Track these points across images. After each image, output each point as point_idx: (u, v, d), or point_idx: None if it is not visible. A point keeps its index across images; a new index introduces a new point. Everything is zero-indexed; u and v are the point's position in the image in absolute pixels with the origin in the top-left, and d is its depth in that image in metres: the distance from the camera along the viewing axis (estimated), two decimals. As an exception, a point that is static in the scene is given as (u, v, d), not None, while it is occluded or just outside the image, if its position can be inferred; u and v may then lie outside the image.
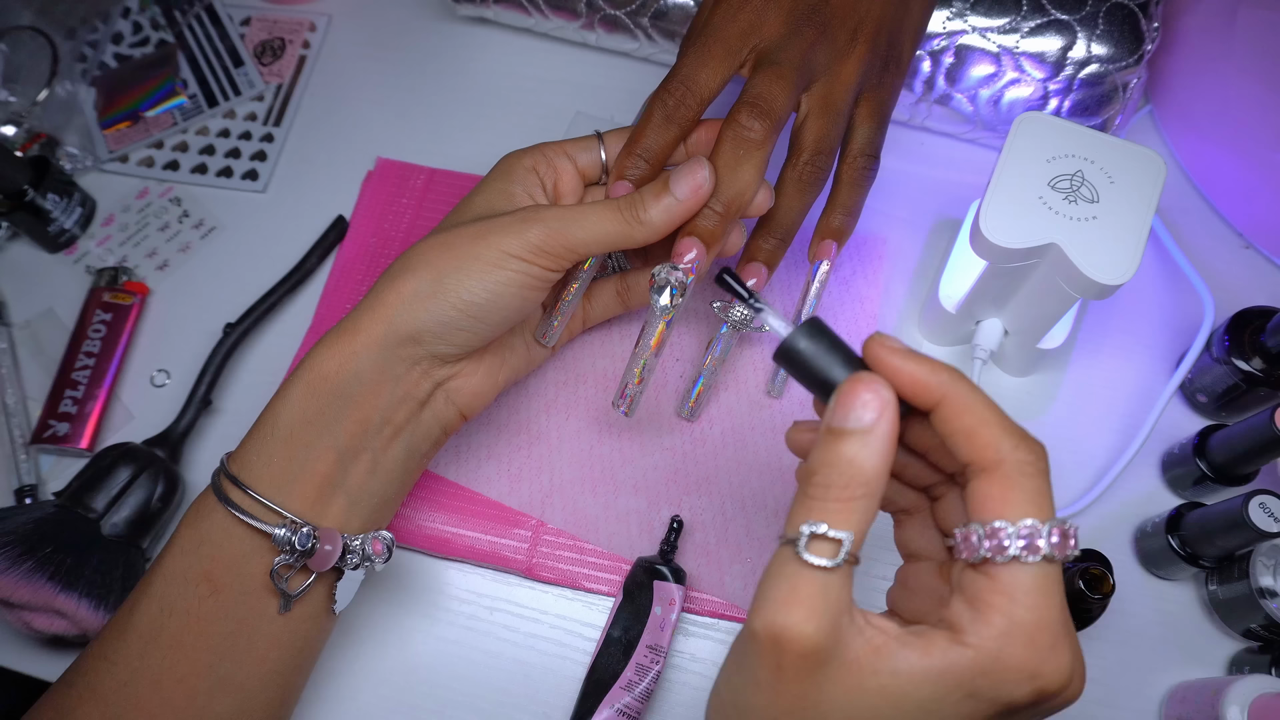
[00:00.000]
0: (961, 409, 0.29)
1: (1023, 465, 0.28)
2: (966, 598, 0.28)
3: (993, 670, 0.27)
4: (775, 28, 0.43)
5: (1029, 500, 0.28)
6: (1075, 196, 0.43)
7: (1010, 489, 0.28)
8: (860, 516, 0.28)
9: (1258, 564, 0.45)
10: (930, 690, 0.27)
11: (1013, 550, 0.27)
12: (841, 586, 0.28)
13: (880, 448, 0.28)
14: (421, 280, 0.40)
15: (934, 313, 0.53)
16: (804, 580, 0.27)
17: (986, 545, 0.27)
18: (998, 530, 0.27)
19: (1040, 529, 0.27)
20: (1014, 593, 0.27)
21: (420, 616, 0.50)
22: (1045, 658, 0.27)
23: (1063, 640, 0.27)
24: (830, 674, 0.27)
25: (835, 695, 0.27)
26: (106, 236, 0.62)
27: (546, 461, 0.52)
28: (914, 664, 0.27)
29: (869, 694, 0.27)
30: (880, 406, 0.28)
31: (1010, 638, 0.27)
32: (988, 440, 0.28)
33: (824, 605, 0.27)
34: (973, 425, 0.29)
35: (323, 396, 0.40)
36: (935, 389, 0.30)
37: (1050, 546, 0.27)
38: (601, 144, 0.46)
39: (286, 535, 0.39)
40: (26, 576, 0.45)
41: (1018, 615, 0.27)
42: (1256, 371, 0.49)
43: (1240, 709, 0.41)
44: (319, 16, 0.69)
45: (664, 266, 0.42)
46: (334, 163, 0.63)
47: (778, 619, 0.27)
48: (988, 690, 0.27)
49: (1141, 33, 0.53)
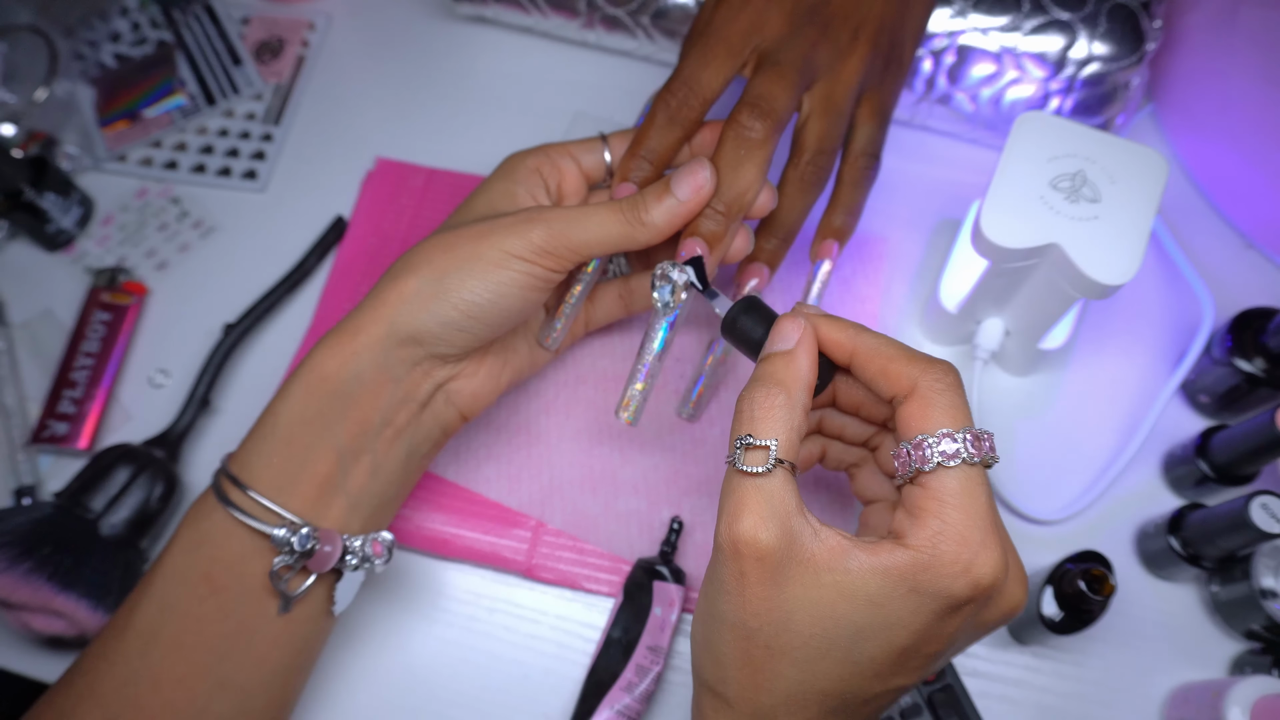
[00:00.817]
0: (873, 354, 0.33)
1: (934, 384, 0.32)
2: (906, 508, 0.32)
3: (931, 565, 0.30)
4: (777, 27, 0.43)
5: (944, 413, 0.31)
6: (1076, 196, 0.43)
7: (926, 406, 0.31)
8: (781, 422, 0.32)
9: (1259, 565, 0.45)
10: (877, 584, 0.30)
11: (934, 458, 0.31)
12: (783, 491, 0.31)
13: (799, 363, 0.33)
14: (423, 280, 0.40)
15: (935, 312, 0.53)
16: (747, 490, 0.31)
17: (913, 458, 0.31)
18: (920, 443, 0.31)
19: (955, 435, 0.31)
20: (942, 496, 0.30)
21: (420, 617, 0.50)
22: (976, 551, 0.30)
23: (992, 536, 0.30)
24: (789, 573, 0.30)
25: (795, 592, 0.30)
26: (105, 236, 0.62)
27: (546, 462, 0.52)
28: (863, 561, 0.30)
29: (824, 588, 0.30)
30: (800, 330, 0.34)
31: (943, 536, 0.30)
32: (899, 371, 0.32)
33: (769, 510, 0.30)
34: (883, 364, 0.33)
35: (323, 397, 0.40)
36: (846, 343, 0.34)
37: (967, 450, 0.31)
38: (605, 146, 0.46)
39: (286, 536, 0.39)
40: (25, 577, 0.45)
41: (948, 516, 0.30)
42: (1258, 372, 0.49)
43: (1242, 710, 0.41)
44: (318, 16, 0.69)
45: (666, 263, 0.41)
46: (333, 162, 0.63)
47: (733, 529, 0.31)
48: (928, 585, 0.30)
49: (1143, 32, 0.53)
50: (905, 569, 0.30)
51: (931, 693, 0.46)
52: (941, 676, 0.47)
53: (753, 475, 0.31)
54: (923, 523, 0.30)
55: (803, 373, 0.33)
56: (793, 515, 0.31)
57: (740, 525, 0.30)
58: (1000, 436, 0.53)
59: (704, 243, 0.41)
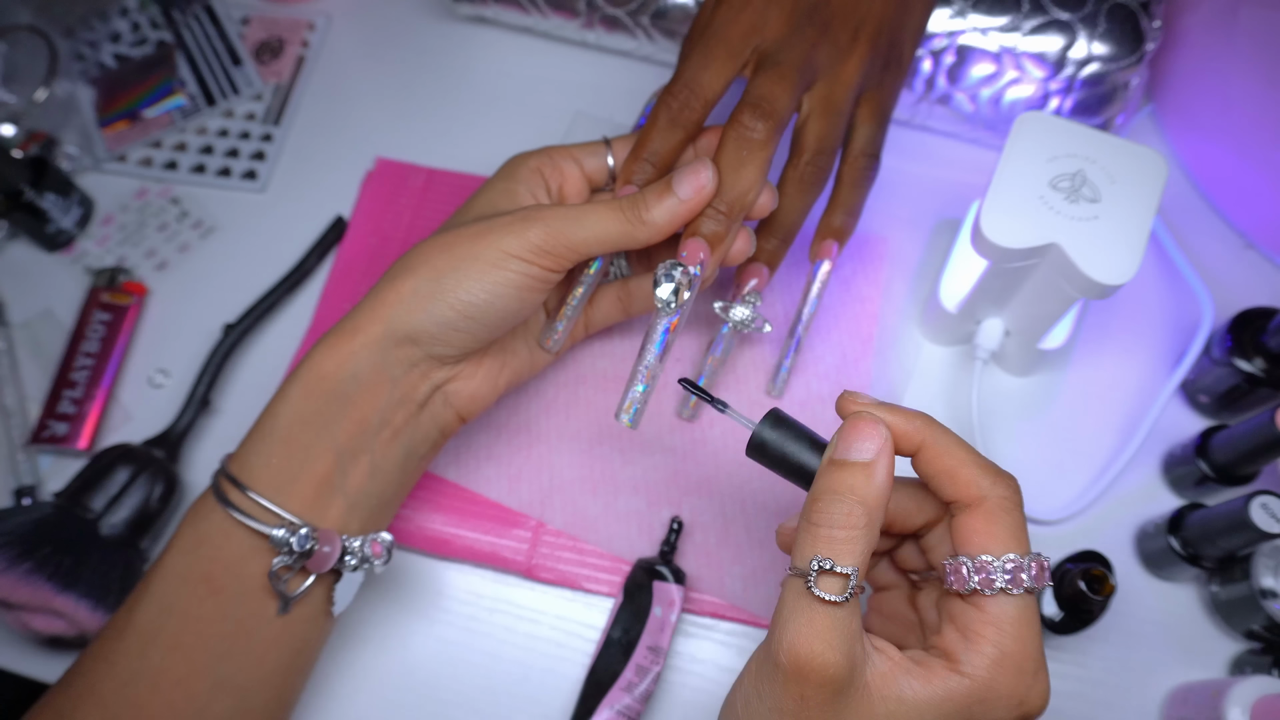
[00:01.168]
0: (941, 452, 0.32)
1: (1002, 501, 0.31)
2: (958, 627, 0.31)
3: (987, 698, 0.29)
4: (777, 28, 0.43)
5: (1010, 535, 0.30)
6: (1076, 196, 0.43)
7: (993, 524, 0.31)
8: (863, 548, 0.30)
9: (1259, 565, 0.45)
10: (933, 715, 0.29)
11: (999, 584, 0.30)
12: (853, 616, 0.30)
13: (881, 479, 0.30)
14: (420, 280, 0.40)
15: (935, 312, 0.53)
16: (819, 613, 0.29)
17: (976, 579, 0.30)
18: (986, 564, 0.30)
19: (1023, 563, 0.30)
20: (1002, 623, 0.30)
21: (420, 617, 0.50)
22: (1030, 684, 0.30)
23: (1043, 667, 0.30)
24: (847, 701, 0.29)
25: (850, 718, 0.29)
26: (105, 236, 0.62)
27: (546, 462, 0.52)
28: (918, 691, 0.29)
29: (879, 716, 0.29)
30: (882, 440, 0.31)
31: (1001, 667, 0.29)
32: (969, 479, 0.31)
33: (840, 636, 0.29)
34: (953, 466, 0.32)
35: (321, 397, 0.40)
36: (914, 435, 0.32)
37: (1031, 579, 0.30)
38: (609, 150, 0.46)
39: (284, 536, 0.39)
40: (25, 577, 0.45)
41: (1006, 645, 0.30)
42: (1258, 372, 0.49)
43: (1242, 710, 0.41)
44: (318, 16, 0.69)
45: (669, 262, 0.41)
46: (333, 163, 0.63)
47: (801, 650, 0.29)
48: (981, 714, 0.29)
49: (1142, 32, 0.53)
50: (961, 699, 0.29)
51: (931, 693, 0.46)
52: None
53: (827, 603, 0.29)
54: (978, 649, 0.30)
55: (882, 488, 0.30)
56: (856, 640, 0.29)
57: (810, 648, 0.29)
58: (1000, 436, 0.53)
59: (705, 242, 0.41)
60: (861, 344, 0.54)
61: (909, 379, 0.54)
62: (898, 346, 0.55)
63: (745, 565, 0.49)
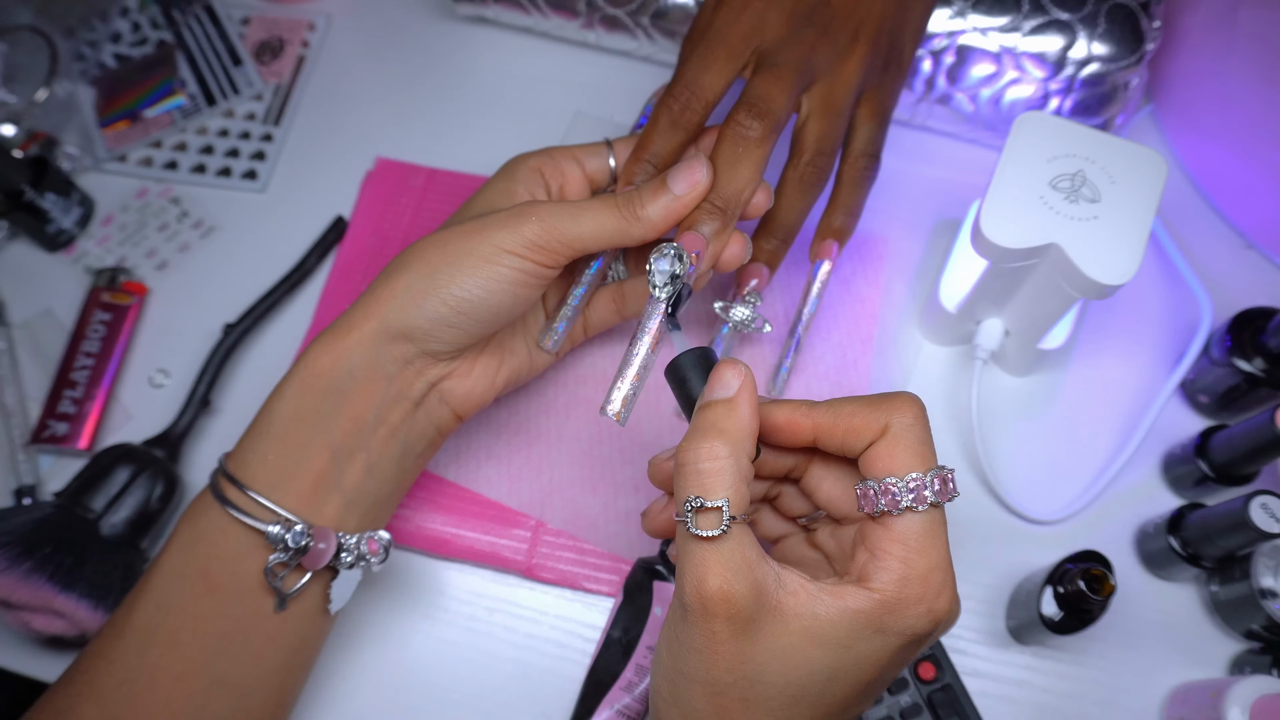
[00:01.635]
0: (833, 421, 0.33)
1: (902, 423, 0.32)
2: (868, 547, 0.32)
3: (896, 607, 0.31)
4: (777, 29, 0.43)
5: (912, 453, 0.32)
6: (1076, 196, 0.43)
7: (894, 447, 0.32)
8: (729, 480, 0.31)
9: (1259, 565, 0.45)
10: (846, 628, 0.30)
11: (905, 502, 0.31)
12: (742, 545, 0.30)
13: (743, 412, 0.32)
14: (414, 276, 0.40)
15: (935, 312, 0.53)
16: (706, 553, 0.30)
17: (883, 501, 0.31)
18: (890, 486, 0.31)
19: (925, 480, 0.31)
20: (907, 539, 0.31)
21: (420, 617, 0.50)
22: (939, 593, 0.31)
23: (950, 576, 0.32)
24: (758, 624, 0.30)
25: (765, 642, 0.30)
26: (105, 236, 0.62)
27: (546, 461, 0.52)
28: (830, 605, 0.31)
29: (794, 636, 0.30)
30: (741, 377, 0.32)
31: (908, 581, 0.31)
32: (865, 423, 0.32)
33: (731, 569, 0.30)
34: (847, 424, 0.33)
35: (316, 394, 0.40)
36: (802, 421, 0.34)
37: (933, 494, 0.31)
38: (610, 150, 0.46)
39: (280, 533, 0.39)
40: (25, 577, 0.45)
41: (912, 559, 0.31)
42: (1258, 372, 0.49)
43: (1241, 710, 0.41)
44: (318, 16, 0.69)
45: (663, 244, 0.40)
46: (333, 163, 0.63)
47: (700, 590, 0.30)
48: (894, 625, 0.31)
49: (1142, 32, 0.53)
50: (872, 611, 0.30)
51: (931, 693, 0.46)
52: (941, 676, 0.47)
53: (709, 539, 0.30)
54: (886, 566, 0.31)
55: (744, 420, 0.32)
56: (755, 567, 0.30)
57: (707, 585, 0.30)
58: (1000, 436, 0.53)
59: (700, 238, 0.41)
60: (861, 344, 0.54)
61: (909, 379, 0.54)
62: (897, 346, 0.55)
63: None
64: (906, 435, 0.32)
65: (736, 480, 0.31)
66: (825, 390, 0.53)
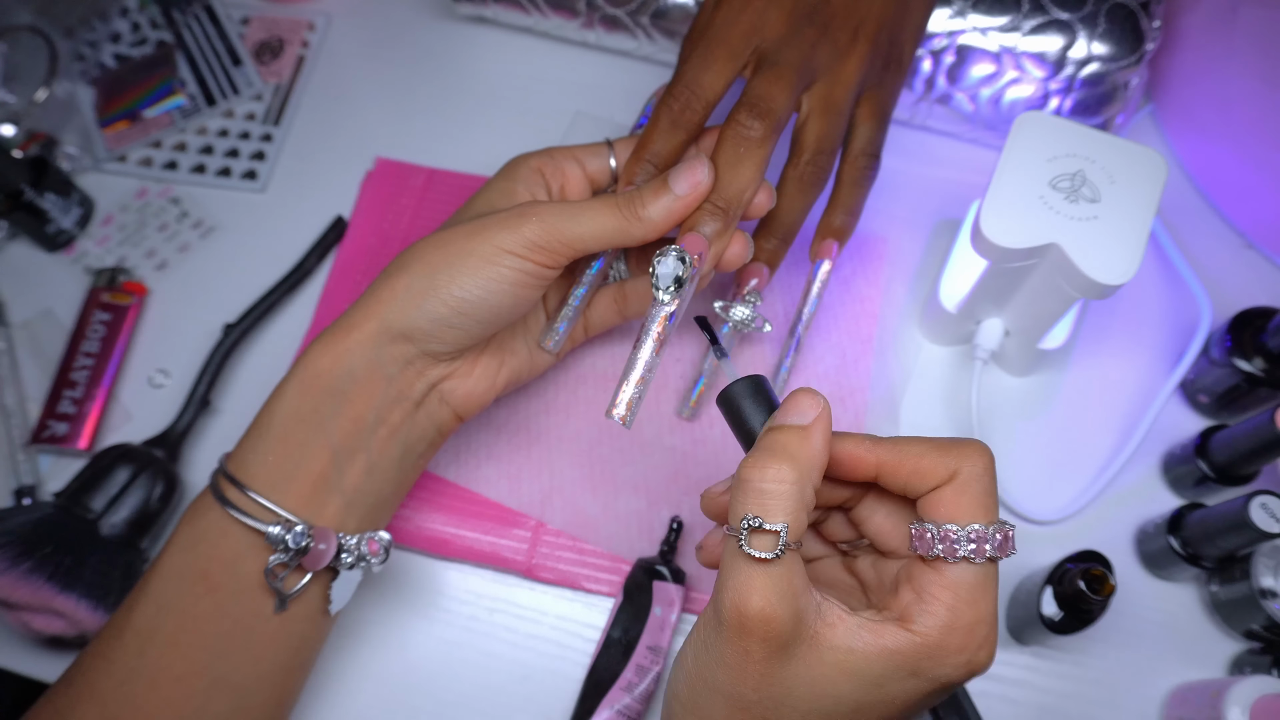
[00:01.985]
0: (899, 459, 0.32)
1: (972, 470, 0.31)
2: (914, 588, 0.31)
3: (936, 654, 0.30)
4: (777, 28, 0.43)
5: (977, 504, 0.31)
6: (1076, 196, 0.43)
7: (960, 494, 0.31)
8: (792, 505, 0.30)
9: (1259, 565, 0.45)
10: (881, 667, 0.30)
11: (963, 552, 0.30)
12: (791, 571, 0.30)
13: (816, 442, 0.31)
14: (414, 276, 0.40)
15: (935, 312, 0.53)
16: (755, 571, 0.30)
17: (940, 547, 0.30)
18: (949, 533, 0.30)
19: (987, 533, 0.30)
20: (959, 588, 0.30)
21: (420, 617, 0.50)
22: (980, 645, 0.30)
23: (994, 631, 0.31)
24: (794, 650, 0.30)
25: (797, 669, 0.30)
26: (105, 236, 0.62)
27: (546, 462, 0.52)
28: (868, 642, 0.30)
29: (827, 667, 0.30)
30: (820, 408, 0.32)
31: (952, 630, 0.30)
32: (933, 466, 0.31)
33: (778, 592, 0.29)
34: (914, 465, 0.32)
35: (316, 394, 0.40)
36: (866, 455, 0.33)
37: (994, 549, 0.30)
38: (611, 151, 0.46)
39: (280, 533, 0.39)
40: (25, 577, 0.45)
41: (961, 609, 0.30)
42: (1258, 372, 0.49)
43: (1241, 710, 0.41)
44: (318, 16, 0.69)
45: (666, 246, 0.40)
46: (333, 163, 0.63)
47: (741, 607, 0.29)
48: (929, 671, 0.30)
49: (1142, 32, 0.53)
50: (909, 654, 0.30)
51: (931, 693, 0.46)
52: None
53: (760, 560, 0.29)
54: (932, 611, 0.30)
55: (815, 449, 0.31)
56: (800, 595, 0.30)
57: (750, 605, 0.29)
58: (1000, 436, 0.53)
59: (702, 238, 0.41)
60: (861, 344, 0.54)
61: (909, 379, 0.54)
62: (898, 346, 0.55)
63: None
64: (975, 485, 0.31)
65: (798, 508, 0.30)
66: (826, 390, 0.53)
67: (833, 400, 0.52)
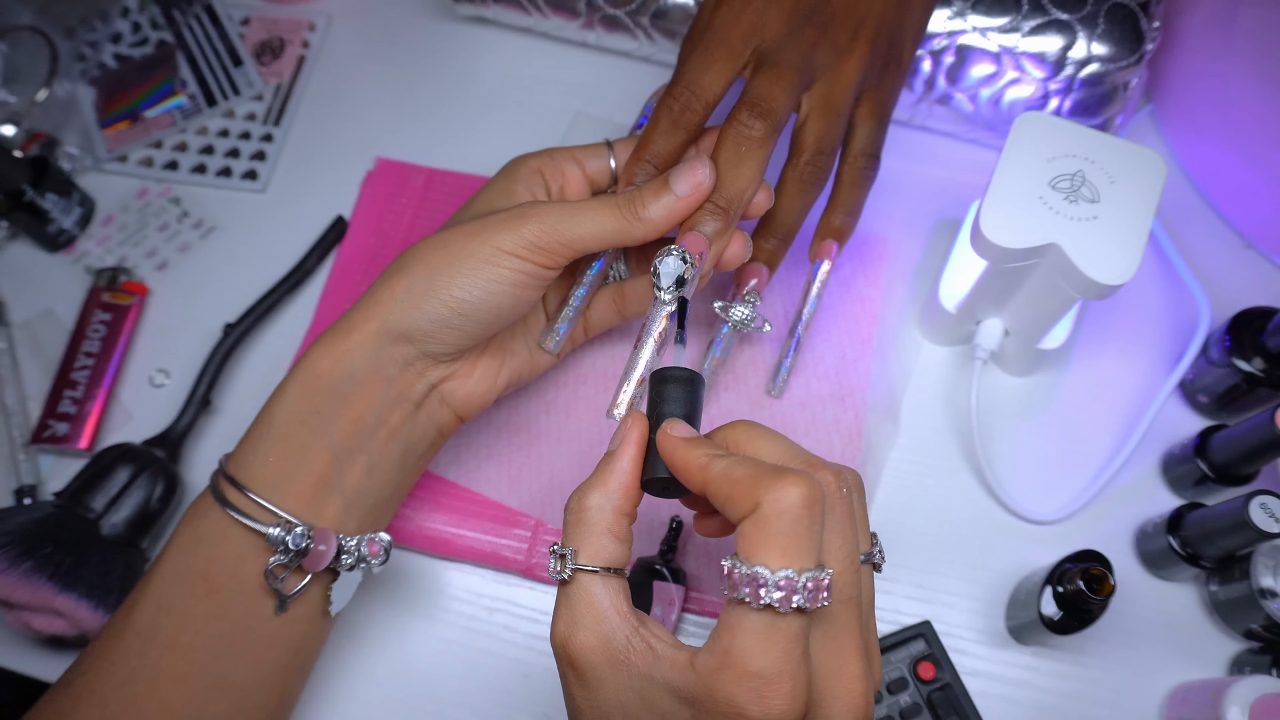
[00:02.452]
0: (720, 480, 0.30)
1: (773, 507, 0.28)
2: (718, 623, 0.29)
3: (705, 700, 0.28)
4: (777, 28, 0.43)
5: (774, 544, 0.28)
6: (1076, 196, 0.43)
7: (758, 530, 0.28)
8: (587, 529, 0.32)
9: (1259, 564, 0.45)
10: (669, 703, 0.30)
11: (739, 594, 0.28)
12: (590, 596, 0.31)
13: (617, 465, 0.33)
14: (414, 278, 0.40)
15: (934, 313, 0.53)
16: (558, 595, 0.32)
17: (723, 583, 0.29)
18: (731, 570, 0.28)
19: (769, 578, 0.27)
20: (736, 631, 0.28)
21: (420, 617, 0.50)
22: (750, 700, 0.27)
23: (781, 681, 0.27)
24: (601, 675, 0.31)
25: (608, 694, 0.31)
26: (106, 236, 0.62)
27: (546, 461, 0.52)
28: (664, 674, 0.30)
29: (632, 694, 0.30)
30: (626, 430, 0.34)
31: (722, 673, 0.28)
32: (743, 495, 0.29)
33: (575, 617, 0.31)
34: (729, 490, 0.29)
35: (317, 395, 0.40)
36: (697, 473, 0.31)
37: (772, 599, 0.27)
38: (611, 152, 0.46)
39: (280, 535, 0.39)
40: (26, 576, 0.45)
41: (735, 653, 0.28)
42: (1257, 372, 0.49)
43: (1241, 710, 0.41)
44: (318, 16, 0.69)
45: (669, 246, 0.40)
46: (333, 163, 0.63)
47: (552, 631, 0.32)
48: (704, 716, 0.29)
49: (1142, 32, 0.53)
50: (687, 694, 0.29)
51: (931, 692, 0.46)
52: (941, 676, 0.47)
53: (561, 583, 0.32)
54: (711, 650, 0.29)
55: (616, 473, 0.33)
56: (603, 619, 0.31)
57: (554, 629, 0.32)
58: (1000, 436, 0.53)
59: (702, 238, 0.41)
60: (861, 344, 0.54)
61: (909, 379, 0.54)
62: (897, 346, 0.55)
63: (745, 565, 0.49)
64: (773, 522, 0.28)
65: (593, 533, 0.32)
66: (825, 390, 0.53)
67: (833, 400, 0.52)
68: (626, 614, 0.31)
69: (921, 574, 0.50)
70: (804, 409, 0.52)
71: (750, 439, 0.33)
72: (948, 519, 0.51)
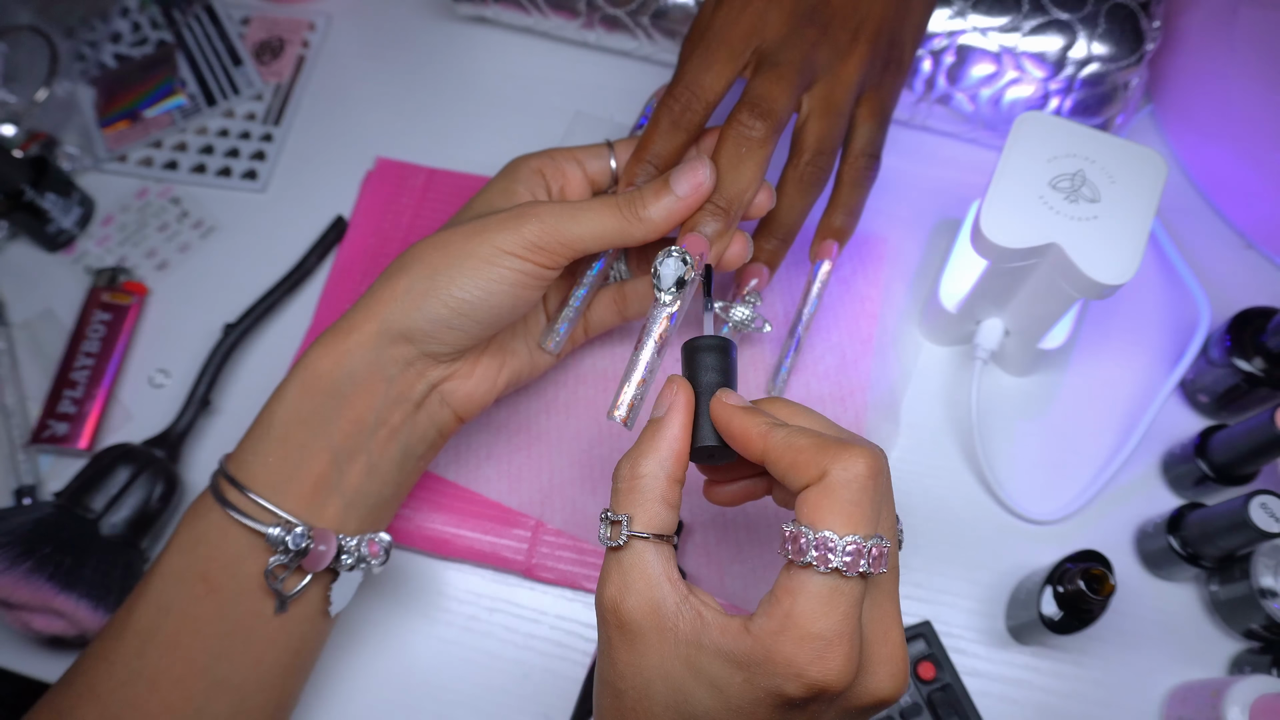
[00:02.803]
0: (782, 449, 0.31)
1: (841, 475, 0.29)
2: (773, 588, 0.30)
3: (763, 662, 0.29)
4: (777, 29, 0.43)
5: (839, 511, 0.29)
6: (1076, 196, 0.43)
7: (823, 497, 0.29)
8: (640, 496, 0.32)
9: (1259, 564, 0.45)
10: (719, 668, 0.30)
11: (808, 557, 0.29)
12: (643, 562, 0.31)
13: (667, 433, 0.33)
14: (414, 278, 0.40)
15: (935, 312, 0.53)
16: (609, 560, 0.32)
17: (789, 548, 0.29)
18: (796, 536, 0.29)
19: (837, 542, 0.29)
20: (798, 593, 0.29)
21: (420, 617, 0.50)
22: (815, 656, 0.28)
23: (839, 643, 0.29)
24: (649, 641, 0.31)
25: (653, 660, 0.31)
26: (105, 236, 0.62)
27: (546, 461, 0.52)
28: (715, 641, 0.30)
29: (678, 661, 0.30)
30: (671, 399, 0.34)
31: (783, 635, 0.29)
32: (808, 462, 0.30)
33: (625, 581, 0.31)
34: (793, 458, 0.31)
35: (317, 396, 0.40)
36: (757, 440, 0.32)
37: (842, 561, 0.28)
38: (611, 152, 0.46)
39: (280, 535, 0.39)
40: (25, 577, 0.45)
41: (798, 616, 0.29)
42: (1257, 372, 0.49)
43: (1241, 709, 0.41)
44: (318, 16, 0.69)
45: (670, 247, 0.40)
46: (333, 162, 0.63)
47: (600, 595, 0.32)
48: (760, 678, 0.29)
49: (1142, 32, 0.53)
50: (741, 658, 0.29)
51: (931, 692, 0.46)
52: (941, 676, 0.47)
53: (613, 549, 0.32)
54: (770, 613, 0.29)
55: (668, 440, 0.33)
56: (655, 585, 0.31)
57: (604, 592, 0.32)
58: (1000, 436, 0.53)
59: (703, 239, 0.41)
60: (861, 344, 0.54)
61: (909, 379, 0.54)
62: (897, 346, 0.55)
63: (745, 564, 0.49)
64: (841, 490, 0.29)
65: (646, 500, 0.32)
66: (825, 390, 0.53)
67: (833, 400, 0.52)
68: (677, 581, 0.32)
69: (921, 574, 0.50)
70: (804, 409, 0.52)
71: (794, 413, 0.34)
72: (948, 519, 0.51)
